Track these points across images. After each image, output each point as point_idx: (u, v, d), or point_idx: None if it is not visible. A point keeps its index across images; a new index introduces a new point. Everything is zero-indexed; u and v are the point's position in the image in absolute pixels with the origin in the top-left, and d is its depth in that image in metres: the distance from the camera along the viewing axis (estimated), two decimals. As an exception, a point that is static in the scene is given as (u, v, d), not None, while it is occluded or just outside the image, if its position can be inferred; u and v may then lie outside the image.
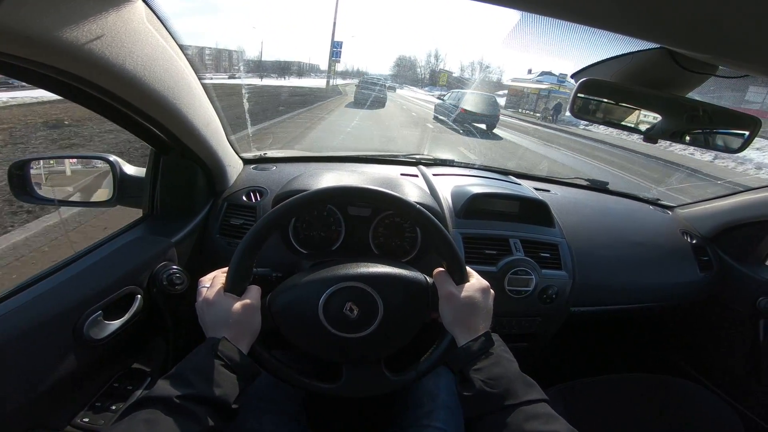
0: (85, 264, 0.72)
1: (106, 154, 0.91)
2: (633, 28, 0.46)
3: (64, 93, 0.54)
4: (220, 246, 0.98)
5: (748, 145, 0.66)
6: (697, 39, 0.45)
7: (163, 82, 0.61)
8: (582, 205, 1.30)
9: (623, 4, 0.40)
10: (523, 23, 0.56)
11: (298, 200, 0.65)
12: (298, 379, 0.66)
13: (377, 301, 0.65)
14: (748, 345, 1.29)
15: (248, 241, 0.63)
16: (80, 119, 6.36)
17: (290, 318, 0.65)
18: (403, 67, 43.57)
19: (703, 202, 1.43)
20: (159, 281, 0.78)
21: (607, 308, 1.20)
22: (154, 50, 0.57)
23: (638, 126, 0.69)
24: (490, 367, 0.58)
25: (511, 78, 28.68)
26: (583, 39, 0.56)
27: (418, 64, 41.78)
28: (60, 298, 0.63)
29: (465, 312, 0.64)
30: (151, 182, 0.91)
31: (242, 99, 8.00)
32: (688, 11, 0.38)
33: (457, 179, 1.24)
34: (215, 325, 0.60)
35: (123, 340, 0.73)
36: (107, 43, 0.47)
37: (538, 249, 1.08)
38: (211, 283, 0.64)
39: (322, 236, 0.99)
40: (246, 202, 1.03)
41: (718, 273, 1.32)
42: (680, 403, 1.16)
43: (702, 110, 0.66)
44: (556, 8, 0.43)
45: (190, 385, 0.51)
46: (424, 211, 0.68)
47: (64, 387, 0.62)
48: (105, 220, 2.58)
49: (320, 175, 1.01)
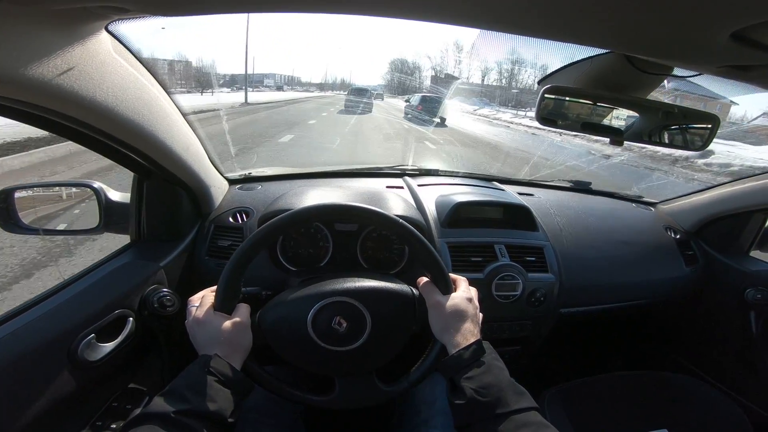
0: (75, 290, 0.73)
1: (91, 181, 0.92)
2: (585, 38, 0.49)
3: (40, 125, 0.55)
4: (209, 267, 0.98)
5: (710, 142, 0.69)
6: (644, 43, 0.48)
7: (136, 111, 0.62)
8: (565, 207, 1.32)
9: (571, 17, 0.43)
10: (483, 36, 0.59)
11: (282, 220, 0.67)
12: (292, 393, 0.67)
13: (365, 315, 0.67)
14: (741, 337, 1.30)
15: (235, 262, 0.65)
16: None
17: (280, 334, 0.67)
18: (391, 80, 45.30)
19: (684, 197, 1.46)
20: (150, 304, 0.79)
21: (596, 308, 1.21)
22: (124, 80, 0.59)
23: (603, 129, 0.71)
24: (482, 376, 0.58)
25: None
26: (540, 46, 0.59)
27: (396, 77, 43.37)
28: (53, 324, 0.64)
29: (454, 320, 0.65)
30: (136, 207, 0.92)
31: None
32: (632, 17, 0.40)
33: (441, 188, 1.26)
34: (207, 343, 0.61)
35: (118, 361, 0.74)
36: (75, 76, 0.49)
37: (523, 253, 1.10)
38: (201, 303, 0.66)
39: (310, 253, 1.00)
40: (232, 224, 1.03)
41: (704, 266, 1.34)
42: (681, 398, 1.16)
43: (662, 110, 0.68)
44: (504, 25, 0.46)
45: (185, 401, 0.52)
46: (405, 225, 0.70)
47: (61, 408, 0.63)
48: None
49: (305, 193, 1.02)
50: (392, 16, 0.47)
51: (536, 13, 0.42)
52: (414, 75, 37.34)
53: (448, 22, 0.49)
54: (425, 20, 0.50)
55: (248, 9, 0.46)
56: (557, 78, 0.69)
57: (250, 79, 49.35)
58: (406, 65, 40.03)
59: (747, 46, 0.39)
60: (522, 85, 27.25)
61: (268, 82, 55.85)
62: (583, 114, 0.70)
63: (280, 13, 0.45)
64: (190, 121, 0.84)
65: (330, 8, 0.47)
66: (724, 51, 0.42)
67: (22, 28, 0.41)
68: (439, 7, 0.45)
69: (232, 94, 23.38)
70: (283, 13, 0.46)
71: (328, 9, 0.47)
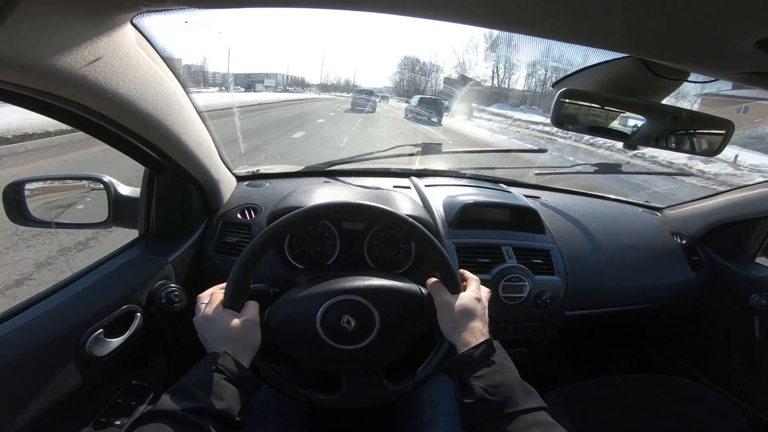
0: (83, 285, 0.73)
1: (101, 175, 0.92)
2: (602, 41, 0.49)
3: (57, 116, 0.55)
4: (217, 264, 0.98)
5: (725, 147, 0.69)
6: (663, 48, 0.48)
7: (155, 104, 0.63)
8: (572, 210, 1.32)
9: (590, 20, 0.43)
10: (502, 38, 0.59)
11: (292, 218, 0.67)
12: (299, 391, 0.67)
13: (374, 313, 0.67)
14: (744, 342, 1.30)
15: (245, 259, 0.65)
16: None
17: (289, 332, 0.67)
18: (399, 82, 45.63)
19: (691, 203, 1.46)
20: (158, 299, 0.79)
21: (602, 311, 1.21)
22: (146, 73, 0.59)
23: (618, 133, 0.71)
24: (491, 375, 0.58)
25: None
26: (559, 48, 0.59)
27: (404, 81, 43.66)
28: (60, 318, 0.64)
29: (463, 320, 0.65)
30: (146, 202, 0.92)
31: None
32: (654, 23, 0.40)
33: (448, 189, 1.26)
34: (216, 340, 0.61)
35: (124, 357, 0.74)
36: (99, 68, 0.49)
37: (530, 255, 1.10)
38: (210, 300, 0.66)
39: (317, 251, 1.00)
40: (241, 220, 1.03)
41: (710, 272, 1.34)
42: (683, 402, 1.16)
43: (680, 115, 0.68)
44: (525, 27, 0.46)
45: (193, 399, 0.52)
46: (416, 224, 0.70)
47: (68, 404, 0.63)
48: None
49: (313, 191, 1.02)
50: (410, 15, 0.47)
51: (558, 16, 0.42)
52: (416, 81, 37.66)
53: (466, 22, 0.49)
54: (442, 20, 0.50)
55: (271, 3, 0.46)
56: (572, 81, 0.69)
57: (253, 79, 49.45)
58: (415, 69, 40.37)
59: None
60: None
61: (269, 82, 55.45)
62: (595, 117, 0.70)
63: (299, 8, 0.45)
64: (204, 117, 0.84)
65: (345, 4, 0.47)
66: (747, 58, 0.42)
67: (51, 18, 0.41)
68: (457, 6, 0.45)
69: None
70: (303, 8, 0.46)
71: (343, 5, 0.47)
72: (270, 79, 57.39)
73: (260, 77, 56.35)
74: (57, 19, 0.41)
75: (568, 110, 0.68)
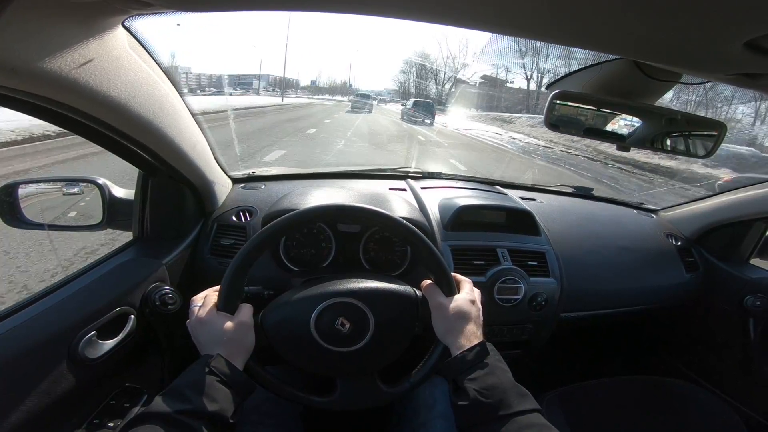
0: (77, 286, 0.73)
1: (95, 177, 0.92)
2: (595, 43, 0.49)
3: (49, 119, 0.55)
4: (212, 266, 0.98)
5: (716, 149, 0.69)
6: (654, 50, 0.48)
7: (147, 107, 0.62)
8: (567, 212, 1.33)
9: (582, 23, 0.43)
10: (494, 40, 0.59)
11: (287, 220, 0.67)
12: (293, 394, 0.67)
13: (368, 316, 0.66)
14: (739, 343, 1.30)
15: (239, 261, 0.64)
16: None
17: (283, 334, 0.66)
18: (402, 83, 45.97)
19: (686, 205, 1.47)
20: (152, 302, 0.79)
21: (597, 313, 1.21)
22: (138, 76, 0.59)
23: (614, 135, 0.71)
24: (485, 377, 0.58)
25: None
26: (549, 50, 0.59)
27: (410, 81, 43.99)
28: (54, 320, 0.63)
29: (457, 322, 0.65)
30: (140, 204, 0.91)
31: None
32: (645, 25, 0.41)
33: (444, 192, 1.26)
34: (209, 343, 0.61)
35: (118, 358, 0.73)
36: (90, 71, 0.49)
37: (525, 258, 1.10)
38: (204, 302, 0.65)
39: (312, 253, 1.00)
40: (236, 222, 1.03)
41: (705, 273, 1.35)
42: (679, 404, 1.16)
43: (671, 117, 0.68)
44: (519, 30, 0.46)
45: (187, 401, 0.52)
46: (410, 227, 0.70)
47: (60, 406, 0.62)
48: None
49: (309, 194, 1.02)
50: (404, 18, 0.47)
51: (549, 18, 0.42)
52: (420, 85, 37.95)
53: (460, 25, 0.49)
54: (436, 22, 0.50)
55: (264, 7, 0.46)
56: (566, 83, 0.70)
57: (248, 80, 48.89)
58: (421, 73, 40.85)
59: (760, 55, 0.39)
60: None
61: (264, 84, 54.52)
62: (589, 119, 0.70)
63: (295, 11, 0.46)
64: (198, 119, 0.84)
65: (342, 8, 0.47)
66: (737, 59, 0.42)
67: (41, 21, 0.41)
68: (450, 9, 0.45)
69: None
70: (298, 11, 0.46)
71: (340, 9, 0.48)
72: (261, 81, 56.10)
73: (249, 78, 55.44)
74: (47, 21, 0.41)
75: (561, 112, 0.68)
